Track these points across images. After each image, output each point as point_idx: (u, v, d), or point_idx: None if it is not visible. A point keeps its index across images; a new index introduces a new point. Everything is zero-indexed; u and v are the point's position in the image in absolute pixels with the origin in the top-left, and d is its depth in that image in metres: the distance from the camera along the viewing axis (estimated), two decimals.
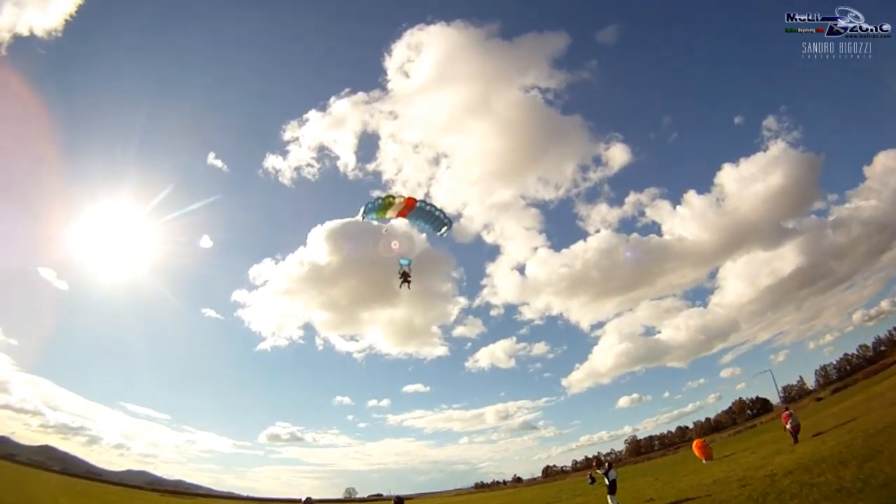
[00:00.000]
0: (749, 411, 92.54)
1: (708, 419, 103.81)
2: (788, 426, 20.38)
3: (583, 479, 48.04)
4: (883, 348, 78.98)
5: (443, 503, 52.11)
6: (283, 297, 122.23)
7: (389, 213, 16.14)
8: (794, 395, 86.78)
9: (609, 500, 14.59)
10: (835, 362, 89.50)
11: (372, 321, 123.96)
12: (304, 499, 7.94)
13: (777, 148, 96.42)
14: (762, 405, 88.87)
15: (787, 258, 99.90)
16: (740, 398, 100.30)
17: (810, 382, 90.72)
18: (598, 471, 15.31)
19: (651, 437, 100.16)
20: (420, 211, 16.18)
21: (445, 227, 16.76)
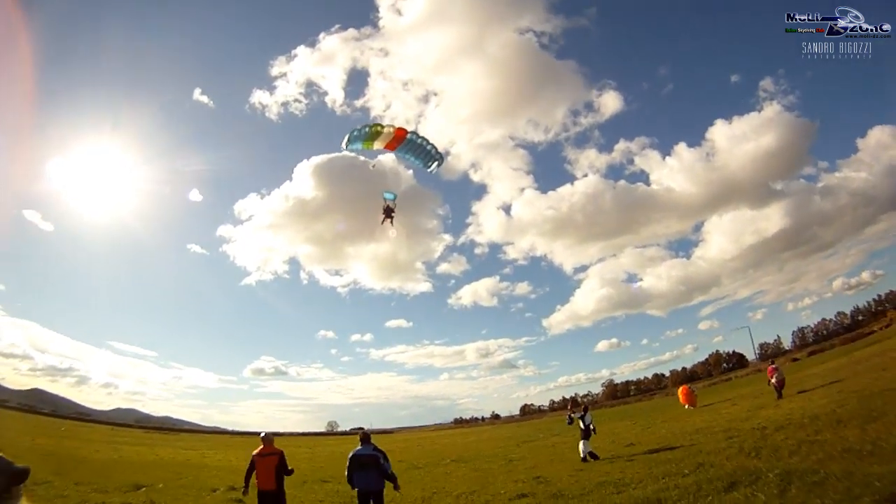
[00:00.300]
0: (725, 364, 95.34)
1: (684, 368, 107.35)
2: (773, 380, 20.16)
3: (560, 419, 49.89)
4: (861, 318, 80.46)
5: (422, 438, 54.10)
6: (269, 231, 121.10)
7: (377, 144, 14.33)
8: (769, 353, 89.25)
9: (581, 446, 13.33)
10: (812, 326, 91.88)
11: (356, 256, 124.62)
12: (262, 434, 7.09)
13: (772, 110, 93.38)
14: (738, 360, 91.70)
15: (772, 219, 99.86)
16: (717, 351, 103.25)
17: (787, 343, 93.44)
18: (573, 413, 14.31)
19: (628, 382, 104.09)
20: (410, 143, 14.55)
21: (436, 163, 15.15)
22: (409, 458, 20.84)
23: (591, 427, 13.61)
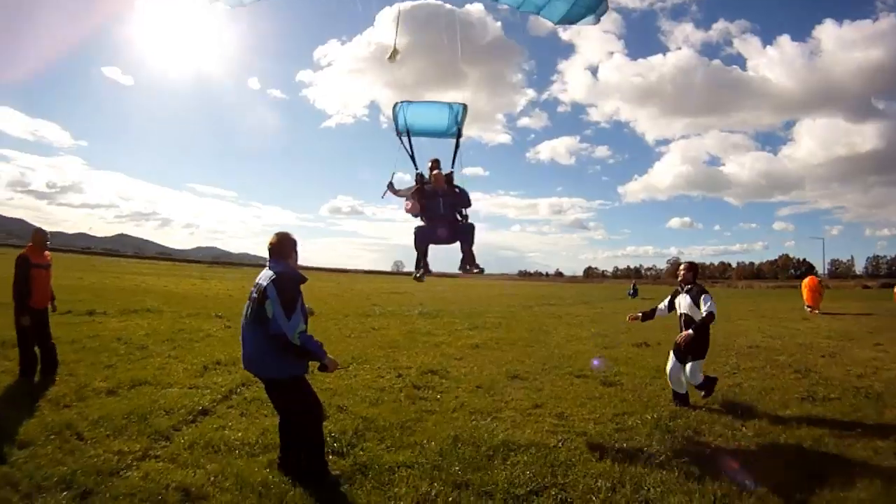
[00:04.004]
0: (793, 270, 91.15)
1: (752, 263, 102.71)
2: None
3: (622, 287, 48.99)
4: None
5: (489, 285, 57.00)
6: (349, 76, 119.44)
7: None
8: (839, 271, 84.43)
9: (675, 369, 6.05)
10: (888, 258, 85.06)
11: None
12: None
13: (888, 22, 79.72)
14: (807, 269, 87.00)
15: (867, 136, 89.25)
16: (787, 255, 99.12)
17: (859, 267, 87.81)
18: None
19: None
20: None
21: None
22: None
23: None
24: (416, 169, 5.54)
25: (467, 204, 5.42)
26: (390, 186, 5.46)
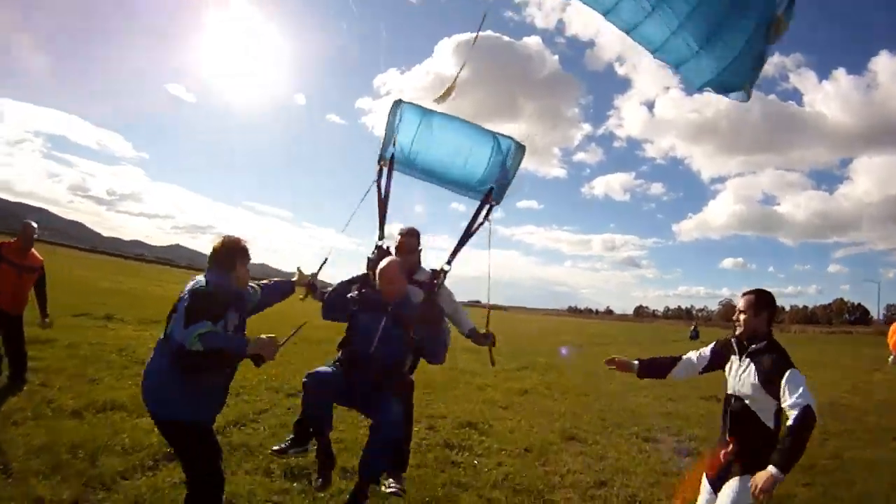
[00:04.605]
0: (847, 315, 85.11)
1: (805, 307, 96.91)
2: None
3: (672, 328, 46.36)
4: None
5: (539, 320, 55.61)
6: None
7: None
8: (894, 315, 78.21)
9: None
10: None
11: None
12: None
13: None
14: (862, 314, 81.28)
15: None
16: (841, 299, 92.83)
17: None
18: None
19: None
20: None
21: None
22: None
23: None
24: (380, 240, 3.19)
25: (436, 347, 2.89)
26: (311, 287, 3.03)
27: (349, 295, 2.92)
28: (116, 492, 2.99)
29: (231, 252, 2.49)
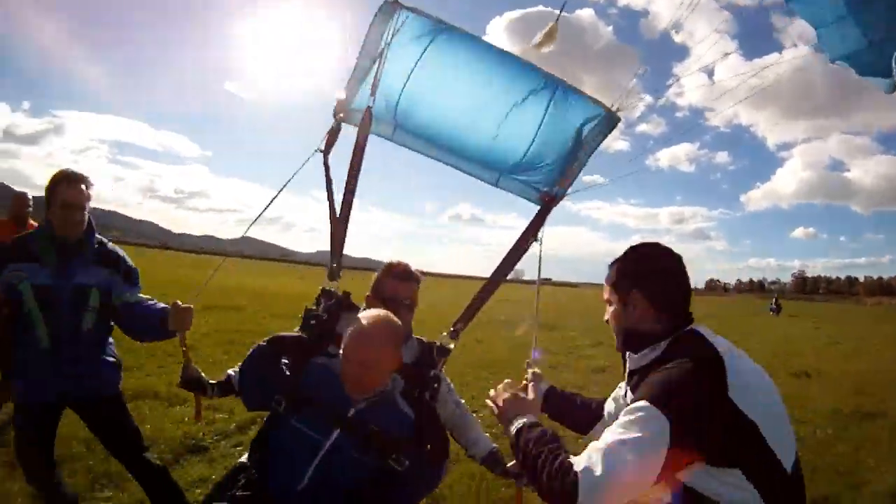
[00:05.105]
0: None
1: (881, 278, 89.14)
2: None
3: (748, 302, 43.03)
4: None
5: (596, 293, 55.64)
6: None
7: None
8: None
9: None
10: None
11: None
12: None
13: None
14: None
15: None
16: None
17: None
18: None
19: (818, 278, 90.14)
20: None
21: None
22: None
23: None
24: (331, 279, 1.94)
25: (418, 491, 1.66)
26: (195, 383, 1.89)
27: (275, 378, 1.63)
28: (125, 490, 2.67)
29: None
